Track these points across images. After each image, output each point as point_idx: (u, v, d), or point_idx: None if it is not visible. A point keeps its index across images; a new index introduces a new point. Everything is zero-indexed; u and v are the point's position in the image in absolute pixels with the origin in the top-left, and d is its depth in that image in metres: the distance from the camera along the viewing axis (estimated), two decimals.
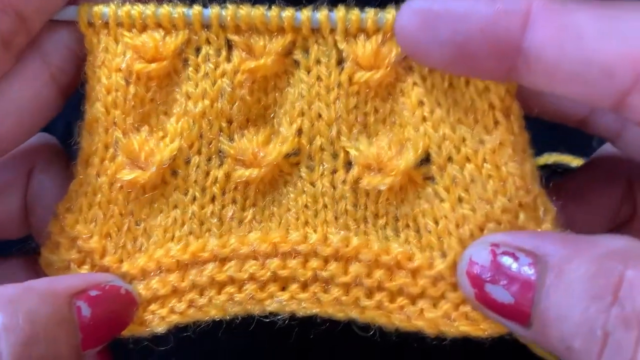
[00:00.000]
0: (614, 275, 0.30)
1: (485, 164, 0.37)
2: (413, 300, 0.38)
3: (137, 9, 0.38)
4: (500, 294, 0.34)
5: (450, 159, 0.37)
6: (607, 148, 0.45)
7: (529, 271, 0.33)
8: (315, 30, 0.38)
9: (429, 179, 0.38)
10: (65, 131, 0.55)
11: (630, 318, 0.29)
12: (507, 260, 0.34)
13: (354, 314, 0.39)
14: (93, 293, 0.36)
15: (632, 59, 0.30)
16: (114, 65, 0.38)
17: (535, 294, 0.32)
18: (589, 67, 0.31)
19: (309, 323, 0.39)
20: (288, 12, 0.37)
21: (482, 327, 0.37)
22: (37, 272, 0.42)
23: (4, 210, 0.43)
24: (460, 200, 0.37)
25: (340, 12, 0.37)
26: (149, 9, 0.38)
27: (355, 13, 0.37)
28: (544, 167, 0.50)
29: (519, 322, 0.33)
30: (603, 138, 0.41)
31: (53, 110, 0.41)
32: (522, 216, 0.37)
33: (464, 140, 0.37)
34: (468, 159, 0.37)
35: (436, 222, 0.38)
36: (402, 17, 0.34)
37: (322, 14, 0.37)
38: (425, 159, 0.38)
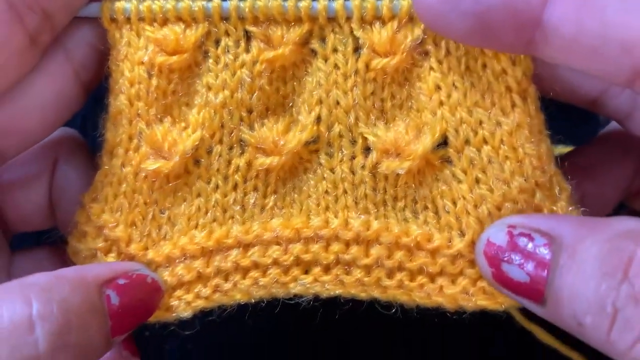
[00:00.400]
0: (625, 255, 0.31)
1: (502, 146, 0.37)
2: (432, 278, 0.39)
3: (158, 4, 0.39)
4: (516, 273, 0.35)
5: (467, 141, 0.38)
6: (615, 125, 0.45)
7: (544, 251, 0.33)
8: (332, 19, 0.38)
9: (447, 161, 0.39)
10: (82, 125, 0.57)
11: (639, 295, 0.30)
12: (523, 241, 0.35)
13: (376, 293, 0.40)
14: (121, 282, 0.36)
15: None
16: (137, 58, 0.39)
17: (550, 273, 0.33)
18: (607, 42, 0.31)
19: (333, 303, 0.40)
20: (305, 2, 0.38)
21: (500, 300, 0.38)
22: (63, 261, 0.43)
23: (30, 202, 0.44)
24: (477, 181, 0.38)
25: (356, 0, 0.37)
26: (170, 3, 0.38)
27: (370, 1, 0.37)
28: None
29: (534, 300, 0.34)
30: (612, 119, 0.42)
31: (75, 105, 0.42)
32: (538, 195, 0.38)
33: (481, 123, 0.37)
34: (485, 141, 0.38)
35: (454, 203, 0.38)
36: None
37: (338, 3, 0.37)
38: (443, 142, 0.39)
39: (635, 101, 0.39)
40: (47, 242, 0.47)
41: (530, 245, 0.34)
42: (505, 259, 0.35)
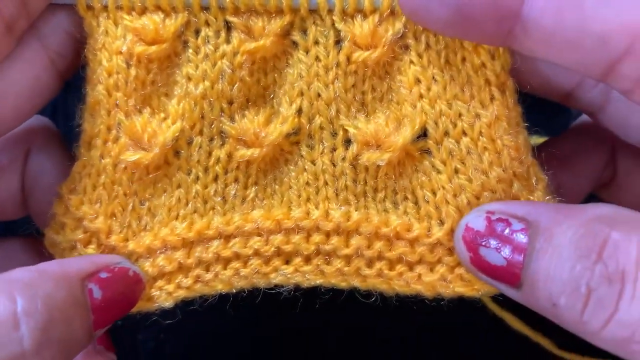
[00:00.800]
0: (599, 237, 0.32)
1: (481, 137, 0.38)
2: (411, 266, 0.40)
3: None
4: (494, 257, 0.36)
5: (446, 133, 0.39)
6: (585, 117, 0.47)
7: (521, 236, 0.35)
8: (313, 10, 0.39)
9: (426, 152, 0.40)
10: (52, 113, 0.56)
11: (613, 275, 0.31)
12: (500, 226, 0.36)
13: (356, 282, 0.41)
14: (103, 275, 0.37)
15: (626, 27, 0.32)
16: (115, 48, 0.39)
17: (526, 257, 0.34)
18: (585, 35, 0.32)
19: (314, 293, 0.41)
20: None
21: (476, 287, 0.40)
22: (35, 252, 0.44)
23: (2, 191, 0.44)
24: (456, 171, 0.39)
25: None
26: None
27: None
28: None
29: (510, 284, 0.35)
30: (584, 112, 0.43)
31: (50, 93, 0.41)
32: (516, 185, 0.39)
33: (460, 115, 0.38)
34: (464, 133, 0.39)
35: (434, 193, 0.40)
36: None
37: None
38: (422, 134, 0.39)
39: (607, 95, 0.40)
40: (19, 233, 0.46)
41: (507, 230, 0.36)
42: (483, 243, 0.36)
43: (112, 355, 0.44)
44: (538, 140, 0.50)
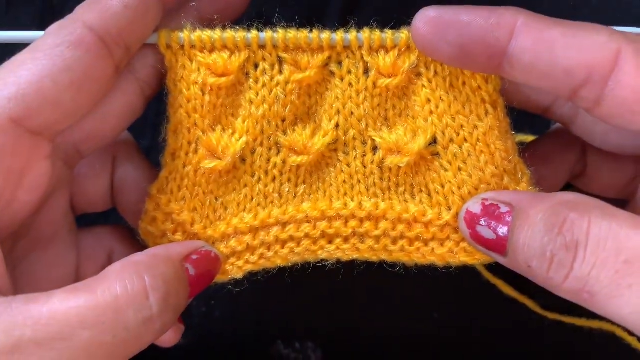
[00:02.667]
0: (561, 216, 0.36)
1: (478, 143, 0.43)
2: (426, 243, 0.44)
3: (206, 34, 0.43)
4: (486, 232, 0.40)
5: (451, 140, 0.43)
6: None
7: (506, 216, 0.39)
8: (347, 47, 0.43)
9: (436, 155, 0.44)
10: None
11: (569, 244, 0.35)
12: (492, 209, 0.40)
13: (383, 256, 0.45)
14: (194, 257, 0.41)
15: (585, 64, 0.36)
16: (191, 79, 0.43)
17: (509, 231, 0.38)
18: (555, 69, 0.37)
19: (352, 265, 0.47)
20: (325, 34, 0.43)
21: (477, 257, 0.44)
22: (118, 237, 0.48)
23: (96, 189, 0.48)
24: (459, 169, 0.43)
25: (365, 33, 0.43)
26: (216, 35, 0.43)
27: (377, 34, 0.42)
28: None
29: (499, 253, 0.39)
30: (560, 123, 0.47)
31: (138, 114, 0.46)
32: (506, 179, 0.43)
33: (462, 126, 0.43)
34: (465, 140, 0.43)
35: (442, 186, 0.44)
36: (419, 22, 0.39)
37: (352, 35, 0.43)
38: (433, 142, 0.44)
39: (576, 111, 0.44)
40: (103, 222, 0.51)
41: (497, 212, 0.39)
42: (479, 222, 0.40)
43: (182, 326, 0.47)
44: (527, 138, 0.56)
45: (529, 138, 0.56)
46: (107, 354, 0.34)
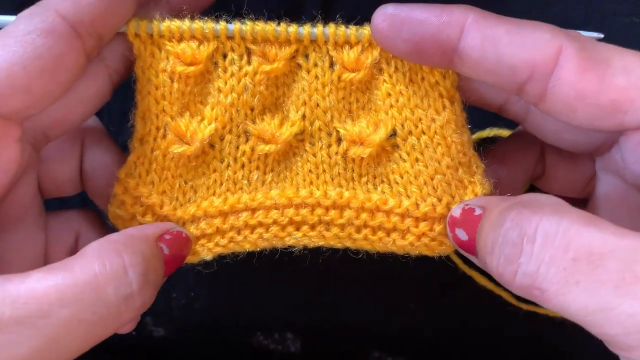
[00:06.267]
0: (513, 212, 0.36)
1: (435, 136, 0.44)
2: (388, 233, 0.46)
3: (175, 24, 0.44)
4: (462, 234, 0.41)
5: (410, 132, 0.45)
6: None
7: (479, 219, 0.40)
8: (313, 41, 0.44)
9: (396, 147, 0.45)
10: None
11: (516, 239, 0.35)
12: (469, 213, 0.41)
13: (348, 244, 0.46)
14: (167, 237, 0.42)
15: (527, 61, 0.37)
16: (160, 67, 0.44)
17: (477, 232, 0.39)
18: (500, 65, 0.38)
19: (318, 251, 0.48)
20: (293, 28, 0.44)
21: (437, 251, 0.46)
22: (86, 220, 0.49)
23: (64, 172, 0.48)
24: (417, 160, 0.45)
25: (331, 28, 0.44)
26: (185, 25, 0.44)
27: (342, 29, 0.44)
28: (486, 138, 0.59)
29: (472, 253, 0.41)
30: (514, 120, 0.48)
31: (106, 100, 0.46)
32: (460, 170, 0.45)
33: (420, 119, 0.44)
34: (423, 132, 0.44)
35: (401, 176, 0.45)
36: (377, 18, 0.40)
37: (318, 30, 0.44)
38: (393, 134, 0.45)
39: (527, 108, 0.45)
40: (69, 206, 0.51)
41: (471, 215, 0.41)
42: (458, 225, 0.42)
43: None
44: (503, 132, 0.57)
45: (505, 132, 0.57)
46: (87, 330, 0.35)
